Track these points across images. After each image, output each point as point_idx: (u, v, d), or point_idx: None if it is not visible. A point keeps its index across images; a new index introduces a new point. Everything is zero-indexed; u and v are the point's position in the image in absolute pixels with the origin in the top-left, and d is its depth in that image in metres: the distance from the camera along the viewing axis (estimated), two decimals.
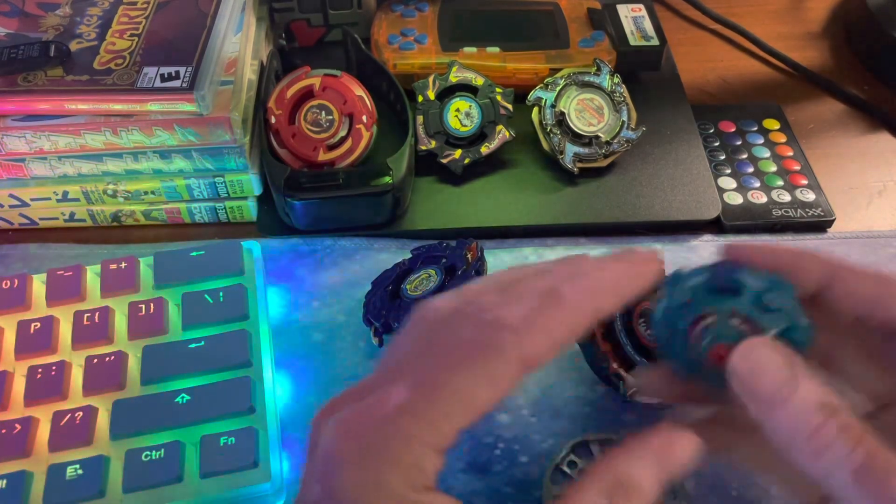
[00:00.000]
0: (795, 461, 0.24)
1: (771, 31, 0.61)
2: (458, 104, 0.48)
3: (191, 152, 0.44)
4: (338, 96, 0.46)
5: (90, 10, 0.47)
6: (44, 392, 0.36)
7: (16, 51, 0.43)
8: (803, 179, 0.49)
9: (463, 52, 0.52)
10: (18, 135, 0.42)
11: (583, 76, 0.48)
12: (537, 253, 0.45)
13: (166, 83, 0.42)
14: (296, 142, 0.45)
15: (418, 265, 0.41)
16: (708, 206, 0.47)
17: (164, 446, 0.34)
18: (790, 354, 0.25)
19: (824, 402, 0.24)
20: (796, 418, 0.24)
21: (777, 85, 0.58)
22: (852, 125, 0.54)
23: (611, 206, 0.47)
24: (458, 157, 0.47)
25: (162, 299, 0.39)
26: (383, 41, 0.52)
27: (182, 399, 0.35)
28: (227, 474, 0.34)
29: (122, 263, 0.40)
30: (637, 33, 0.53)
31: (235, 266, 0.40)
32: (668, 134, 0.51)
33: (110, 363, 0.36)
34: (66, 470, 0.33)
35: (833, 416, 0.23)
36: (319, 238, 0.46)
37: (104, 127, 0.42)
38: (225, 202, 0.47)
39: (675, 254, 0.45)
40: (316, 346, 0.41)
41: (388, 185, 0.44)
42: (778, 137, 0.52)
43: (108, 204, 0.46)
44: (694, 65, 0.58)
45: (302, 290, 0.43)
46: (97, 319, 0.38)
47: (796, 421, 0.24)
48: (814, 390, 0.24)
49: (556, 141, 0.47)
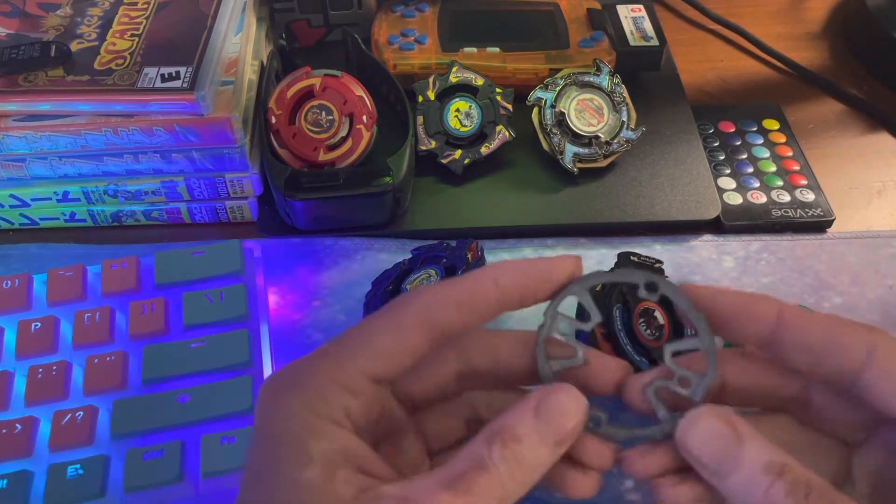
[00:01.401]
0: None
1: (771, 32, 0.61)
2: (458, 104, 0.48)
3: (191, 152, 0.44)
4: (338, 96, 0.46)
5: (91, 10, 0.47)
6: (44, 392, 0.36)
7: (16, 51, 0.43)
8: (803, 179, 0.49)
9: (463, 52, 0.52)
10: (19, 135, 0.42)
11: (583, 76, 0.48)
12: (537, 253, 0.45)
13: (167, 83, 0.42)
14: (296, 142, 0.45)
15: (418, 265, 0.41)
16: (708, 206, 0.47)
17: (165, 446, 0.34)
18: (733, 418, 0.25)
19: (770, 461, 0.24)
20: (746, 484, 0.24)
21: (777, 85, 0.58)
22: (852, 125, 0.54)
23: (611, 206, 0.47)
24: (458, 158, 0.47)
25: (162, 299, 0.39)
26: (383, 41, 0.52)
27: (182, 399, 0.35)
28: (227, 474, 0.34)
29: (122, 263, 0.40)
30: (637, 33, 0.53)
31: (235, 266, 0.40)
32: (667, 134, 0.51)
33: (111, 363, 0.36)
34: (66, 470, 0.33)
35: (780, 476, 0.24)
36: (319, 238, 0.46)
37: (104, 127, 0.42)
38: (225, 202, 0.47)
39: (674, 254, 0.45)
40: (316, 346, 0.41)
41: (388, 185, 0.44)
42: (777, 137, 0.52)
43: (108, 204, 0.46)
44: (694, 65, 0.58)
45: (302, 290, 0.43)
46: (98, 319, 0.38)
47: (746, 487, 0.24)
48: (759, 450, 0.25)
49: (556, 141, 0.47)
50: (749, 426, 0.25)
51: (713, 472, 0.25)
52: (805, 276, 0.44)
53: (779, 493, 0.24)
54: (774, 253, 0.45)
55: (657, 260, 0.40)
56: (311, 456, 0.23)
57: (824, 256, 0.45)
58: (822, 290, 0.44)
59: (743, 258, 0.45)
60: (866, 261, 0.45)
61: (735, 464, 0.25)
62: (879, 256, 0.45)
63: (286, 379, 0.26)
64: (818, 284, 0.44)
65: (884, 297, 0.43)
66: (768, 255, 0.45)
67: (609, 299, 0.36)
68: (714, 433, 0.25)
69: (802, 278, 0.44)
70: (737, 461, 0.25)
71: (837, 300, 0.43)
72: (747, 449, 0.25)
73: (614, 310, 0.36)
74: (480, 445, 0.25)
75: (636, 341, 0.36)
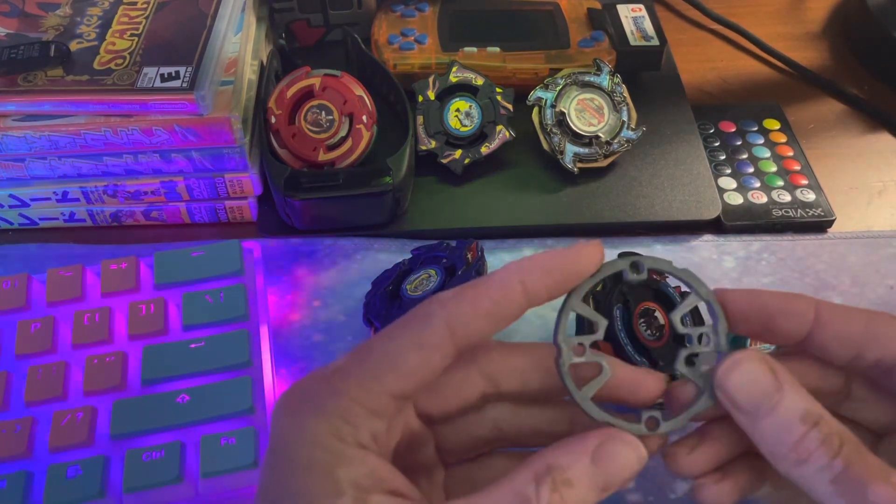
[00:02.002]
0: (780, 469, 0.25)
1: (771, 31, 0.61)
2: (458, 104, 0.48)
3: (190, 152, 0.44)
4: (338, 96, 0.46)
5: (90, 10, 0.47)
6: (44, 392, 0.36)
7: (16, 51, 0.43)
8: (803, 179, 0.49)
9: (463, 52, 0.52)
10: (18, 134, 0.42)
11: (583, 76, 0.48)
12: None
13: (166, 83, 0.42)
14: (296, 142, 0.45)
15: (418, 265, 0.41)
16: (708, 206, 0.47)
17: (164, 446, 0.34)
18: (774, 364, 0.25)
19: (807, 410, 0.24)
20: (780, 428, 0.24)
21: (777, 85, 0.58)
22: (852, 125, 0.54)
23: (611, 206, 0.47)
24: (458, 157, 0.47)
25: (162, 299, 0.39)
26: (383, 41, 0.52)
27: (182, 399, 0.35)
28: (227, 474, 0.34)
29: (121, 263, 0.40)
30: (637, 33, 0.53)
31: (235, 266, 0.40)
32: (668, 134, 0.51)
33: (110, 363, 0.36)
34: (66, 470, 0.33)
35: (815, 426, 0.24)
36: (319, 238, 0.46)
37: (104, 127, 0.42)
38: (225, 202, 0.47)
39: (675, 254, 0.45)
40: (316, 346, 0.41)
41: (388, 185, 0.44)
42: (778, 137, 0.52)
43: (107, 204, 0.46)
44: (694, 65, 0.58)
45: (302, 290, 0.43)
46: (97, 319, 0.38)
47: (781, 431, 0.24)
48: (797, 399, 0.25)
49: (556, 141, 0.47)
50: (790, 375, 0.25)
51: (748, 413, 0.25)
52: (805, 276, 0.44)
53: (813, 441, 0.24)
54: (775, 253, 0.45)
55: None
56: (341, 485, 0.23)
57: (825, 256, 0.45)
58: (822, 290, 0.43)
59: (743, 258, 0.45)
60: (867, 261, 0.45)
61: (772, 408, 0.25)
62: (880, 256, 0.45)
63: (306, 400, 0.25)
64: (819, 284, 0.44)
65: (884, 297, 0.43)
66: (769, 255, 0.45)
67: (609, 298, 0.36)
68: (755, 376, 0.25)
69: (803, 278, 0.44)
70: (775, 406, 0.25)
71: (838, 300, 0.43)
72: (787, 395, 0.25)
73: (614, 310, 0.36)
74: (527, 483, 0.24)
75: (636, 341, 0.36)
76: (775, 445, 0.25)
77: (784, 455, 0.24)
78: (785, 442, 0.24)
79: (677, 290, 0.40)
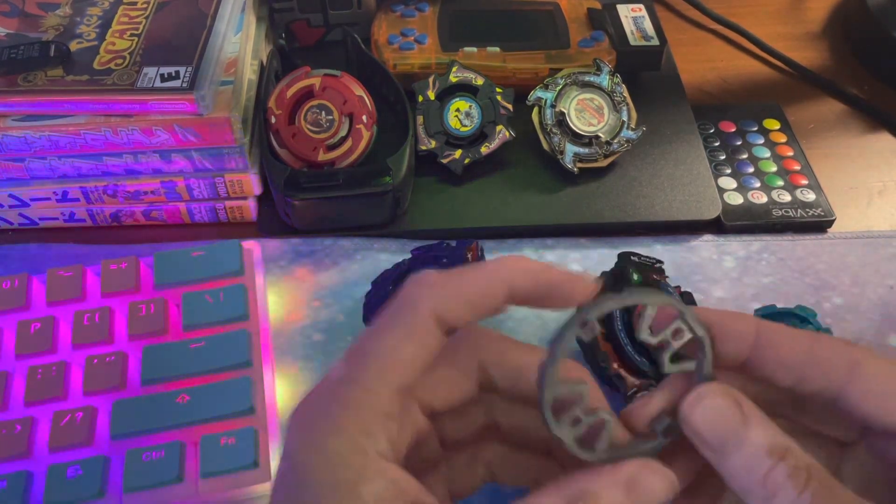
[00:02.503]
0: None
1: (771, 31, 0.61)
2: (458, 104, 0.48)
3: (191, 152, 0.44)
4: (338, 96, 0.46)
5: (90, 10, 0.47)
6: (44, 392, 0.36)
7: (16, 51, 0.43)
8: (803, 179, 0.49)
9: (463, 52, 0.52)
10: (18, 134, 0.42)
11: (583, 76, 0.48)
12: (537, 253, 0.45)
13: (166, 83, 0.42)
14: (296, 142, 0.45)
15: (418, 265, 0.41)
16: (708, 206, 0.47)
17: (164, 446, 0.34)
18: (739, 396, 0.25)
19: (774, 444, 0.24)
20: (748, 464, 0.24)
21: (777, 85, 0.58)
22: (852, 125, 0.54)
23: (611, 206, 0.47)
24: (458, 157, 0.47)
25: (162, 299, 0.39)
26: (383, 41, 0.52)
27: (182, 399, 0.35)
28: (227, 474, 0.34)
29: (121, 263, 0.40)
30: (637, 33, 0.53)
31: (235, 266, 0.40)
32: (668, 134, 0.51)
33: (110, 363, 0.36)
34: (66, 470, 0.33)
35: (783, 459, 0.24)
36: (319, 238, 0.46)
37: (104, 127, 0.42)
38: (225, 202, 0.47)
39: (675, 254, 0.45)
40: (316, 345, 0.41)
41: (388, 185, 0.44)
42: (778, 137, 0.52)
43: (107, 204, 0.46)
44: (694, 65, 0.58)
45: (302, 290, 0.43)
46: (97, 319, 0.38)
47: (749, 466, 0.24)
48: (763, 433, 0.24)
49: (556, 141, 0.47)
50: (755, 407, 0.25)
51: (715, 450, 0.25)
52: (805, 276, 0.44)
53: (780, 475, 0.24)
54: (775, 253, 0.45)
55: (657, 260, 0.40)
56: (365, 502, 0.23)
57: (825, 256, 0.45)
58: (822, 290, 0.43)
59: (743, 258, 0.45)
60: (867, 261, 0.45)
61: (738, 443, 0.24)
62: (880, 256, 0.45)
63: (320, 417, 0.24)
64: (819, 284, 0.44)
65: (884, 297, 0.43)
66: (769, 255, 0.45)
67: None
68: (720, 411, 0.25)
69: (803, 278, 0.44)
70: (740, 441, 0.24)
71: (838, 300, 0.43)
72: (752, 429, 0.24)
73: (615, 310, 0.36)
74: None
75: (636, 341, 0.36)
76: (744, 481, 0.24)
77: (754, 491, 0.24)
78: (754, 477, 0.24)
79: (677, 290, 0.40)
